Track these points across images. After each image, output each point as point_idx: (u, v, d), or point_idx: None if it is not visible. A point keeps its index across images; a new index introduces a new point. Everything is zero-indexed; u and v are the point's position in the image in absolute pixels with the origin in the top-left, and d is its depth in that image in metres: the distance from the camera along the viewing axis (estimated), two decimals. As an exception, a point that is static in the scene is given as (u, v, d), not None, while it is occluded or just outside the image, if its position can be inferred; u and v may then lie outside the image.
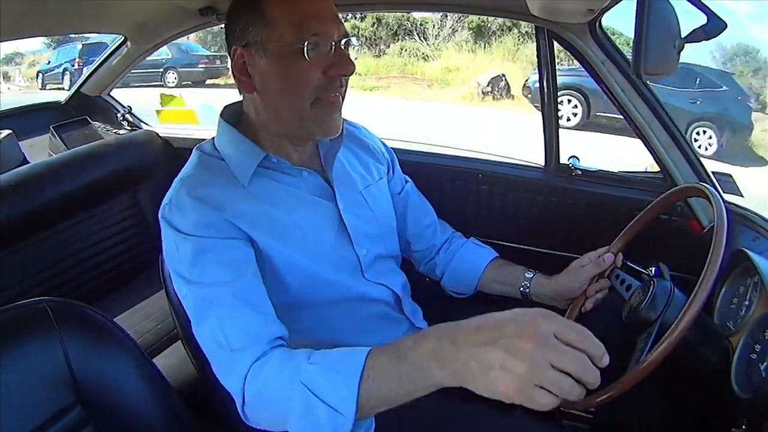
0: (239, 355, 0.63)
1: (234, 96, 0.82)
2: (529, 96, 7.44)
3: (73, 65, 9.92)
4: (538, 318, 0.47)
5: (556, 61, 1.17)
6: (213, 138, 0.79)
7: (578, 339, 0.46)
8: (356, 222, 0.81)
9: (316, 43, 0.67)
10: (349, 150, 0.88)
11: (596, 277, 0.86)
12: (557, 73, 1.19)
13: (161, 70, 9.31)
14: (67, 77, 9.91)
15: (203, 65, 9.85)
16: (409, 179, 1.02)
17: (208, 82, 10.00)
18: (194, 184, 0.72)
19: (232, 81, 0.80)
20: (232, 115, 0.80)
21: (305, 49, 0.67)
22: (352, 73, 0.71)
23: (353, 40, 0.74)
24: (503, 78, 8.24)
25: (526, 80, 7.64)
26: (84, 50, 9.80)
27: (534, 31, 1.15)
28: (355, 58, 0.73)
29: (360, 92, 8.63)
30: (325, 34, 0.68)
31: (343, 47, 0.71)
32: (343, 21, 0.72)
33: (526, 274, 0.93)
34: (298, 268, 0.75)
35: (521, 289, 0.92)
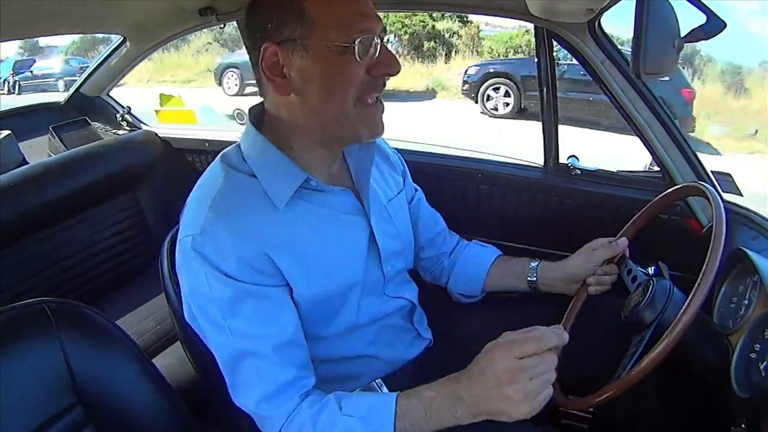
0: (276, 409, 0.65)
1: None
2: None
3: (8, 77, 11.80)
4: (496, 359, 0.57)
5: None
6: (238, 145, 0.73)
7: (534, 347, 0.56)
8: (385, 239, 0.79)
9: (364, 41, 0.64)
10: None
11: (606, 261, 0.87)
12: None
13: (54, 80, 11.06)
14: (6, 86, 11.91)
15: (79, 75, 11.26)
16: (418, 187, 0.99)
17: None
18: (228, 211, 0.66)
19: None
20: (256, 118, 0.74)
21: (356, 48, 0.63)
22: (398, 72, 0.68)
23: (391, 36, 0.71)
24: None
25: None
26: (16, 65, 11.74)
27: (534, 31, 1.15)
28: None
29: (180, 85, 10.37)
30: (371, 31, 0.65)
31: (386, 44, 0.67)
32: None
33: (531, 264, 0.92)
34: (328, 303, 0.73)
35: (528, 278, 0.91)
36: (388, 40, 0.69)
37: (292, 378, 0.66)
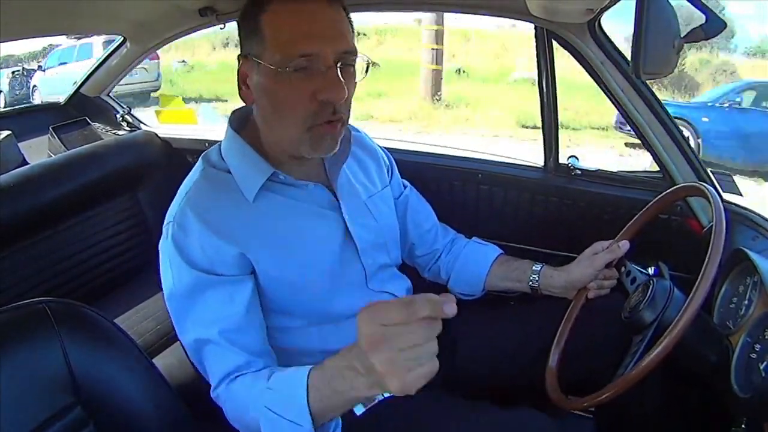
0: (218, 386, 0.71)
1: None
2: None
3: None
4: (361, 326, 0.49)
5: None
6: (219, 145, 0.79)
7: (399, 314, 0.48)
8: (362, 232, 0.81)
9: (303, 65, 0.65)
10: (353, 157, 0.87)
11: (607, 264, 0.86)
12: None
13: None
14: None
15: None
16: (408, 184, 1.01)
17: None
18: (199, 202, 0.72)
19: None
20: (238, 120, 0.79)
21: (288, 71, 0.65)
22: (341, 100, 0.67)
23: (363, 57, 0.70)
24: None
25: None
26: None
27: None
28: (361, 79, 0.71)
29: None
30: (316, 55, 0.65)
31: (339, 68, 0.66)
32: (348, 38, 0.68)
33: (533, 267, 0.92)
34: (300, 291, 0.76)
35: (530, 283, 0.92)
36: (343, 64, 0.66)
37: (242, 362, 0.70)
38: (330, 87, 0.66)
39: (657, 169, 1.14)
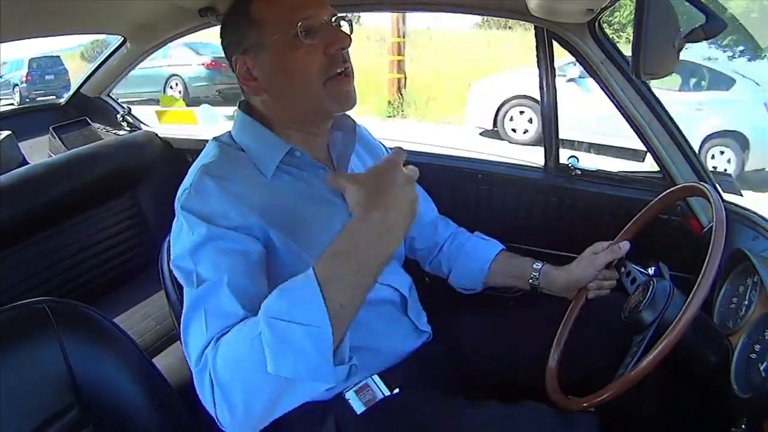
0: (207, 346, 0.59)
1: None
2: None
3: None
4: (355, 190, 0.60)
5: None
6: (229, 132, 0.80)
7: (384, 165, 0.63)
8: None
9: (308, 26, 0.70)
10: (354, 151, 0.88)
11: (607, 265, 0.87)
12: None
13: None
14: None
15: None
16: None
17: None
18: (217, 169, 0.71)
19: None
20: (246, 109, 0.81)
21: (299, 33, 0.69)
22: (349, 45, 0.73)
23: (346, 17, 0.76)
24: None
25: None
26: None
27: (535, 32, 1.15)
28: (350, 33, 0.75)
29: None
30: (315, 15, 0.71)
31: (334, 24, 0.73)
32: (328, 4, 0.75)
33: (534, 266, 0.92)
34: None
35: (530, 281, 0.92)
36: (338, 23, 0.74)
37: (242, 316, 0.59)
38: (336, 38, 0.72)
39: (657, 169, 1.14)
